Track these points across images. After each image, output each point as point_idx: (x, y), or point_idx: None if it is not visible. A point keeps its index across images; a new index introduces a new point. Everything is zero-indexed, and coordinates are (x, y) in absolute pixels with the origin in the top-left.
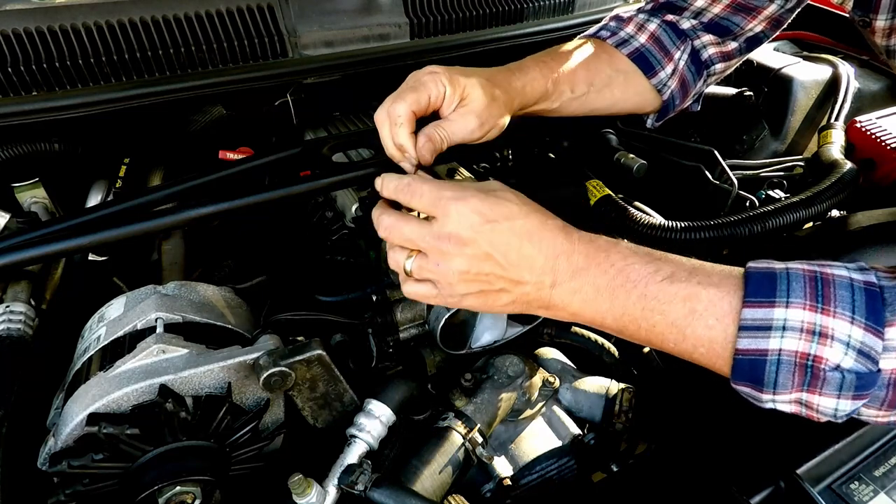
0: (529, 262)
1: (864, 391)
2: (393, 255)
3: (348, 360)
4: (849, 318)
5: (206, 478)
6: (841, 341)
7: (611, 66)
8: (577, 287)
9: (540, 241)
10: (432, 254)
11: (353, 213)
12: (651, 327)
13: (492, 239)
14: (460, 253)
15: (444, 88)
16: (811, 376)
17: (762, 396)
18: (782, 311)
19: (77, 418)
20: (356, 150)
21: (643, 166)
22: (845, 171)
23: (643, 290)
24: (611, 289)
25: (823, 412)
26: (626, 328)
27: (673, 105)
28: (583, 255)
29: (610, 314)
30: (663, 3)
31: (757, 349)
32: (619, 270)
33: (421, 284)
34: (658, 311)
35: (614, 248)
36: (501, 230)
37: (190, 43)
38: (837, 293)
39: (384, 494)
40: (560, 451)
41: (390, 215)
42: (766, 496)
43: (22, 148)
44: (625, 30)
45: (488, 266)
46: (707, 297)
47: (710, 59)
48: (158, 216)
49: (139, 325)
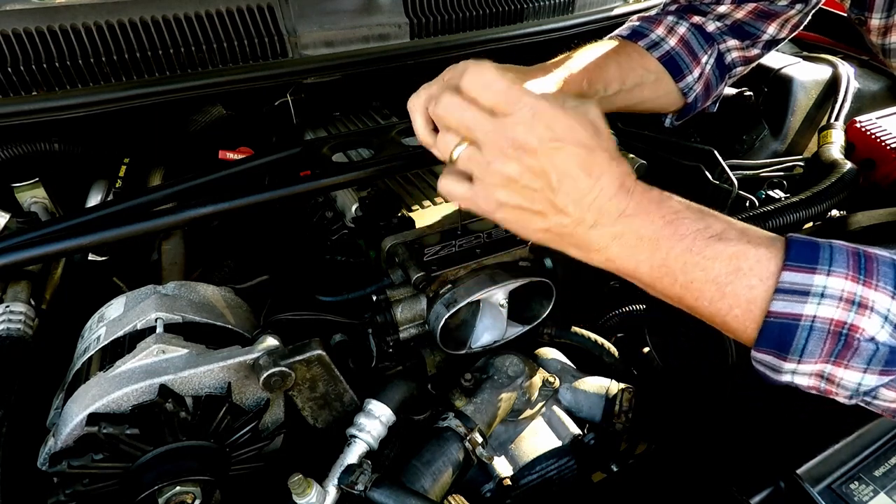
0: (579, 195)
1: (892, 367)
2: (443, 137)
3: (348, 360)
4: (891, 293)
5: (206, 478)
6: (880, 314)
7: (643, 66)
8: (619, 232)
9: (599, 177)
10: (488, 149)
11: (353, 213)
12: (688, 283)
13: (553, 158)
14: (518, 158)
15: None
16: (843, 345)
17: (784, 365)
18: (823, 279)
19: (77, 418)
20: (356, 150)
21: (643, 166)
22: (845, 171)
23: (689, 245)
24: (654, 240)
25: (845, 386)
26: (660, 281)
27: (695, 107)
28: (634, 203)
29: (647, 264)
30: (687, 6)
31: (791, 313)
32: (668, 223)
33: (459, 180)
34: (700, 267)
35: (668, 201)
36: (566, 154)
37: (190, 43)
38: (881, 269)
39: (384, 494)
40: (560, 451)
41: (453, 94)
42: (766, 496)
43: (22, 148)
44: (655, 32)
45: (538, 183)
46: (755, 257)
47: (733, 62)
48: (158, 216)
49: (139, 325)
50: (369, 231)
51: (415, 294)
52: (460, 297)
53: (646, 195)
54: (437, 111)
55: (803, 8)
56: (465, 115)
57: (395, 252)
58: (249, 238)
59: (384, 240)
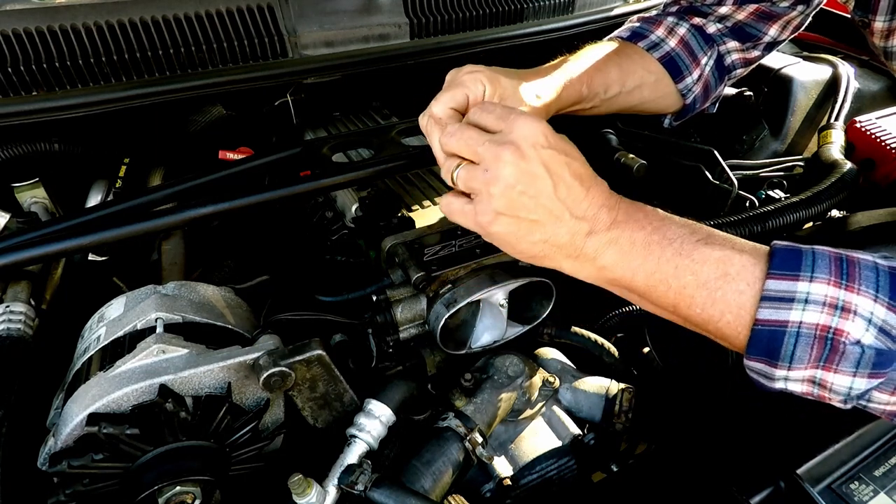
0: (574, 204)
1: (880, 370)
2: (447, 164)
3: (348, 360)
4: (872, 297)
5: (206, 478)
6: (863, 317)
7: (643, 67)
8: (614, 238)
9: (589, 187)
10: (485, 158)
11: (353, 213)
12: (681, 288)
13: (549, 163)
14: (514, 163)
15: (483, 87)
16: (830, 350)
17: (775, 373)
18: (806, 285)
19: (77, 418)
20: (356, 150)
21: (643, 166)
22: (845, 171)
23: (679, 248)
24: (646, 244)
25: (837, 391)
26: (655, 288)
27: (694, 108)
28: (623, 212)
29: (642, 271)
30: (688, 7)
31: (777, 320)
32: (656, 228)
33: (458, 198)
34: (691, 272)
35: (652, 210)
36: (559, 161)
37: (190, 43)
38: (862, 273)
39: (384, 494)
40: (560, 451)
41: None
42: (766, 496)
43: (22, 148)
44: (655, 33)
45: (535, 188)
46: (740, 262)
47: (732, 63)
48: (158, 216)
49: (139, 325)
50: (369, 231)
51: (415, 294)
52: (460, 297)
53: (631, 205)
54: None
55: (805, 9)
56: (464, 135)
57: (395, 252)
58: (249, 238)
59: (384, 240)
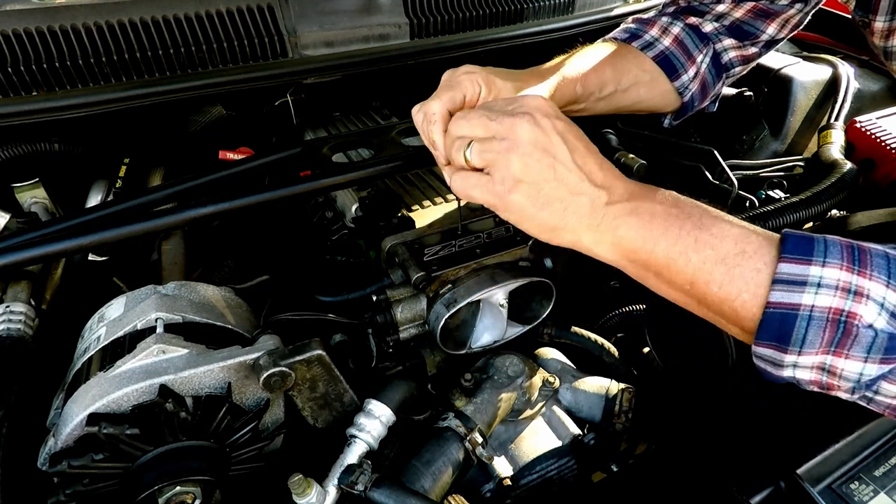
0: (592, 172)
1: (892, 355)
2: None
3: (348, 360)
4: (884, 282)
5: (206, 478)
6: (876, 301)
7: (638, 66)
8: (634, 208)
9: (603, 161)
10: (500, 130)
11: (353, 213)
12: (701, 263)
13: (564, 132)
14: (531, 130)
15: (479, 88)
16: (843, 333)
17: (785, 358)
18: (818, 269)
19: (77, 418)
20: (356, 150)
21: (643, 166)
22: (845, 171)
23: (698, 221)
24: (666, 215)
25: (847, 377)
26: (675, 262)
27: (692, 106)
28: (638, 186)
29: (663, 241)
30: (685, 7)
31: (789, 303)
32: (673, 203)
33: (472, 174)
34: (710, 245)
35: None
36: (574, 131)
37: (190, 43)
38: (874, 260)
39: (384, 494)
40: (560, 451)
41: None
42: (766, 496)
43: (22, 148)
44: (649, 32)
45: (553, 154)
46: (757, 242)
47: (730, 62)
48: (158, 216)
49: (139, 325)
50: (369, 231)
51: (415, 294)
52: (460, 297)
53: (643, 185)
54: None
55: (803, 7)
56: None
57: (395, 252)
58: (249, 238)
59: (384, 240)
